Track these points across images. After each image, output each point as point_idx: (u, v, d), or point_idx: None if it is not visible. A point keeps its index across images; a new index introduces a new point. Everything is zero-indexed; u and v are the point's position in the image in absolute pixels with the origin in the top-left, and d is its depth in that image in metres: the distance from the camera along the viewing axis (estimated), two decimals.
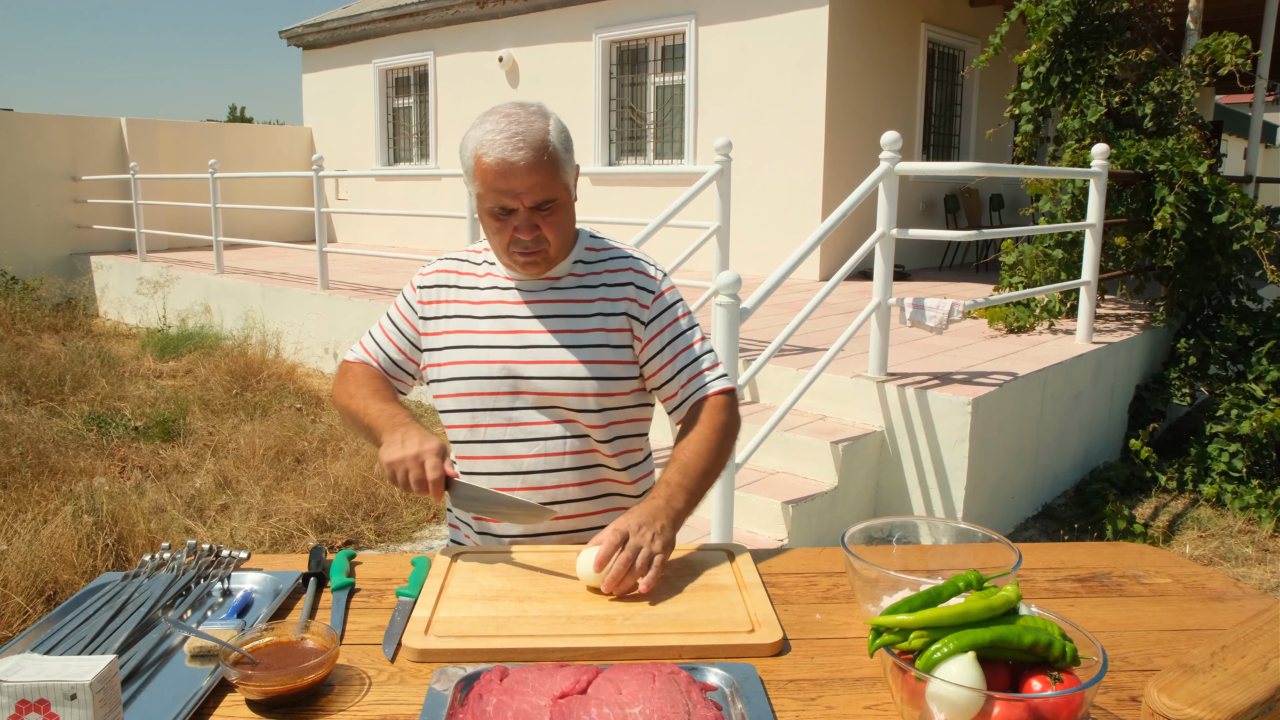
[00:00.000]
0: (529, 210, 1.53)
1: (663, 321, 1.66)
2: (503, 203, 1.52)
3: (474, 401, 1.63)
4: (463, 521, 1.75)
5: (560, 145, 1.53)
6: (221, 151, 12.24)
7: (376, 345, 1.76)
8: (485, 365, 1.62)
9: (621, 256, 1.70)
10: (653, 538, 1.39)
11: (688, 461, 1.56)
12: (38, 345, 7.92)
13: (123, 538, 3.72)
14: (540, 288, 1.65)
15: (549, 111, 1.57)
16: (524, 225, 1.54)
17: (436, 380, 1.67)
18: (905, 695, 0.99)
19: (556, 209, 1.55)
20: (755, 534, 3.78)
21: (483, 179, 1.52)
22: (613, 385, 1.63)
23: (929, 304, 4.26)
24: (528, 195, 1.51)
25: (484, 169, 1.51)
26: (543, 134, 1.51)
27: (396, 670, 1.17)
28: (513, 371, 1.61)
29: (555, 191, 1.53)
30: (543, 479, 1.62)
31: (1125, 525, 4.51)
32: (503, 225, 1.55)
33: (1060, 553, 1.58)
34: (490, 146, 1.50)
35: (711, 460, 1.58)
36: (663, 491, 1.51)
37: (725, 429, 1.63)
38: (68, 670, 0.93)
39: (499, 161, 1.49)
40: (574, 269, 1.67)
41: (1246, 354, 5.71)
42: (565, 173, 1.55)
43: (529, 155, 1.49)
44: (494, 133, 1.50)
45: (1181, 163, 5.78)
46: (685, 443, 1.60)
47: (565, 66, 10.00)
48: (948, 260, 9.92)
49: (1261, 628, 1.07)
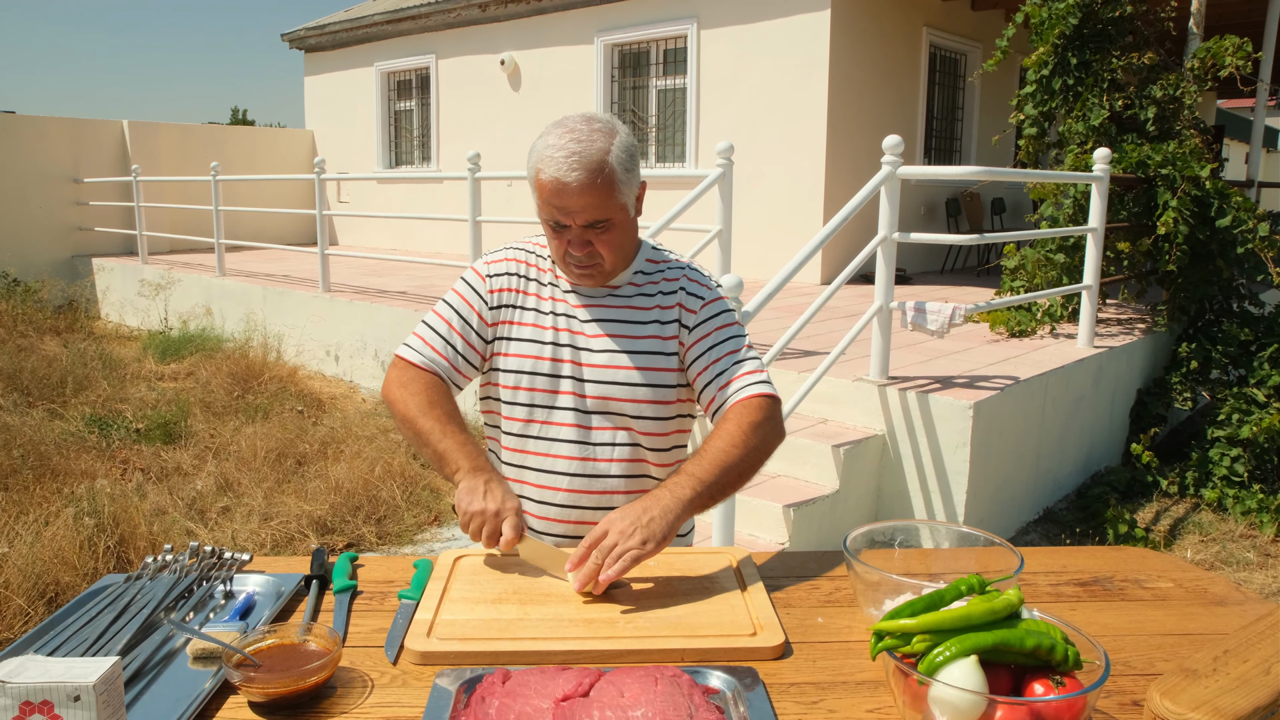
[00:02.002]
0: (581, 229, 1.53)
1: (709, 326, 1.65)
2: (557, 218, 1.54)
3: (533, 397, 1.63)
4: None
5: (620, 166, 1.52)
6: (223, 154, 12.26)
7: (438, 336, 1.66)
8: (549, 362, 1.62)
9: (677, 266, 1.71)
10: (634, 532, 1.36)
11: (704, 451, 1.52)
12: (39, 347, 7.92)
13: (124, 540, 3.72)
14: (600, 294, 1.66)
15: (618, 129, 1.56)
16: (577, 242, 1.55)
17: (496, 369, 1.66)
18: (907, 699, 1.00)
19: (611, 228, 1.55)
20: (756, 537, 3.77)
21: (540, 192, 1.54)
22: (667, 393, 1.64)
23: (930, 308, 4.26)
24: (580, 215, 1.52)
25: (541, 184, 1.52)
26: (602, 154, 1.50)
27: (399, 673, 1.17)
28: (574, 373, 1.62)
29: (609, 212, 1.53)
30: (588, 483, 1.63)
31: (1126, 529, 4.51)
32: (558, 238, 1.57)
33: (1062, 557, 1.58)
34: (549, 164, 1.50)
35: (737, 455, 1.50)
36: (670, 481, 1.47)
37: (757, 428, 1.54)
38: (71, 672, 0.93)
39: (554, 180, 1.50)
40: (634, 279, 1.68)
41: (1248, 358, 5.71)
42: (622, 193, 1.54)
43: (583, 177, 1.49)
44: (555, 149, 1.50)
45: (1184, 167, 5.78)
46: (710, 437, 1.55)
47: (567, 70, 10.02)
48: (949, 264, 9.92)
49: (1263, 632, 1.07)
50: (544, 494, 1.65)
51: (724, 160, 4.86)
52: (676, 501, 1.42)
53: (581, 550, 1.36)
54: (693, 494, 1.44)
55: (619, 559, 1.34)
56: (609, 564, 1.34)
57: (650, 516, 1.39)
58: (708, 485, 1.46)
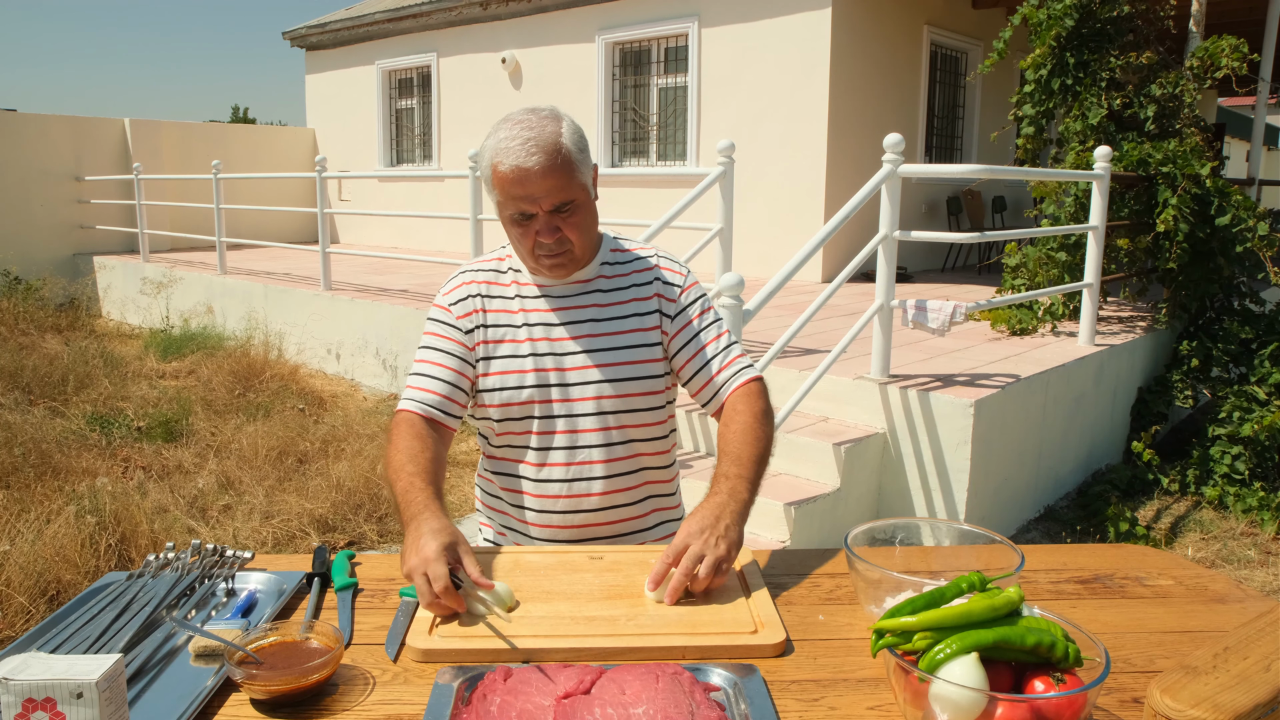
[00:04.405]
0: (548, 214, 1.53)
1: (690, 314, 1.68)
2: (522, 208, 1.53)
3: (519, 410, 1.62)
4: (491, 523, 1.76)
5: (574, 147, 1.54)
6: (225, 152, 12.26)
7: (425, 378, 1.62)
8: (532, 374, 1.62)
9: (646, 256, 1.72)
10: (716, 541, 1.35)
11: (739, 452, 1.53)
12: (41, 345, 7.93)
13: (125, 538, 3.72)
14: (571, 293, 1.65)
15: (561, 114, 1.57)
16: (545, 228, 1.54)
17: (481, 390, 1.65)
18: (908, 696, 1.00)
19: (576, 209, 1.56)
20: (758, 535, 3.78)
21: (501, 187, 1.53)
22: (654, 384, 1.65)
23: (931, 306, 4.26)
24: (545, 199, 1.52)
25: (501, 177, 1.52)
26: (555, 137, 1.51)
27: (400, 670, 1.17)
28: (561, 379, 1.61)
29: (573, 193, 1.54)
30: (587, 485, 1.63)
31: (1127, 527, 4.51)
32: (525, 231, 1.56)
33: (1063, 554, 1.58)
34: (505, 154, 1.51)
35: (762, 447, 1.55)
36: (724, 486, 1.46)
37: (765, 415, 1.61)
38: (74, 669, 0.93)
39: (514, 169, 1.50)
40: (602, 271, 1.68)
41: (1249, 356, 5.71)
42: (582, 174, 1.55)
43: (544, 160, 1.49)
44: (508, 140, 1.51)
45: (1184, 165, 5.78)
46: (731, 434, 1.57)
47: (568, 68, 10.01)
48: (950, 262, 9.92)
49: (1264, 629, 1.07)
50: (543, 503, 1.64)
51: (725, 158, 4.86)
52: (740, 504, 1.44)
53: (662, 566, 1.32)
54: (749, 494, 1.47)
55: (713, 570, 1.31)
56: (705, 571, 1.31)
57: (725, 524, 1.38)
58: (754, 483, 1.50)
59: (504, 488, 1.69)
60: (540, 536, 1.66)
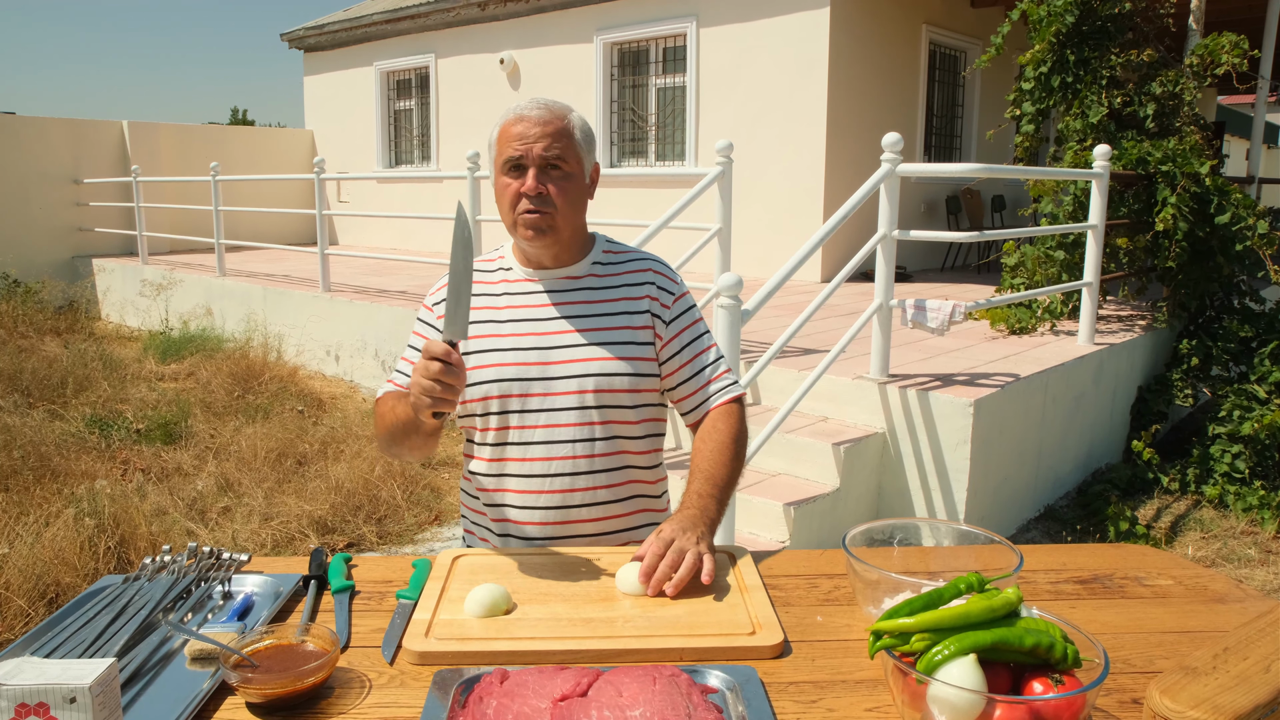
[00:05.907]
0: (538, 170, 1.57)
1: (682, 323, 1.70)
2: (515, 151, 1.57)
3: (502, 405, 1.63)
4: (478, 525, 1.75)
5: (580, 129, 1.62)
6: (223, 154, 12.26)
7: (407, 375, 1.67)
8: (514, 368, 1.62)
9: (640, 258, 1.75)
10: (697, 540, 1.41)
11: (712, 472, 1.58)
12: (40, 348, 7.93)
13: (124, 540, 3.72)
14: (562, 288, 1.67)
15: (574, 109, 1.65)
16: (532, 182, 1.57)
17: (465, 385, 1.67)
18: (906, 697, 0.99)
19: (567, 177, 1.59)
20: (756, 536, 3.77)
21: (501, 140, 1.60)
22: (644, 381, 1.66)
23: (930, 305, 4.25)
24: (538, 144, 1.56)
25: (503, 131, 1.60)
26: (565, 110, 1.61)
27: (397, 673, 1.17)
28: (543, 373, 1.62)
29: (567, 156, 1.59)
30: (572, 480, 1.63)
31: (1127, 527, 4.50)
32: (514, 182, 1.59)
33: (1062, 554, 1.58)
34: (512, 113, 1.60)
35: (733, 469, 1.61)
36: (695, 503, 1.52)
37: (740, 438, 1.66)
38: (67, 673, 0.93)
39: (517, 118, 1.59)
40: (593, 269, 1.70)
41: (1249, 355, 5.70)
42: (580, 150, 1.62)
43: (546, 114, 1.58)
44: (517, 106, 1.61)
45: (1183, 164, 5.78)
46: (706, 452, 1.62)
47: (566, 68, 10.01)
48: (949, 261, 9.92)
49: (1264, 630, 1.07)
50: (528, 499, 1.64)
51: (723, 158, 4.86)
52: (710, 522, 1.49)
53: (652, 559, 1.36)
54: (718, 514, 1.53)
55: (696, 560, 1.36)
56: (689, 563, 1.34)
57: (700, 531, 1.44)
58: (723, 504, 1.56)
59: (491, 488, 1.68)
60: (529, 534, 1.65)
